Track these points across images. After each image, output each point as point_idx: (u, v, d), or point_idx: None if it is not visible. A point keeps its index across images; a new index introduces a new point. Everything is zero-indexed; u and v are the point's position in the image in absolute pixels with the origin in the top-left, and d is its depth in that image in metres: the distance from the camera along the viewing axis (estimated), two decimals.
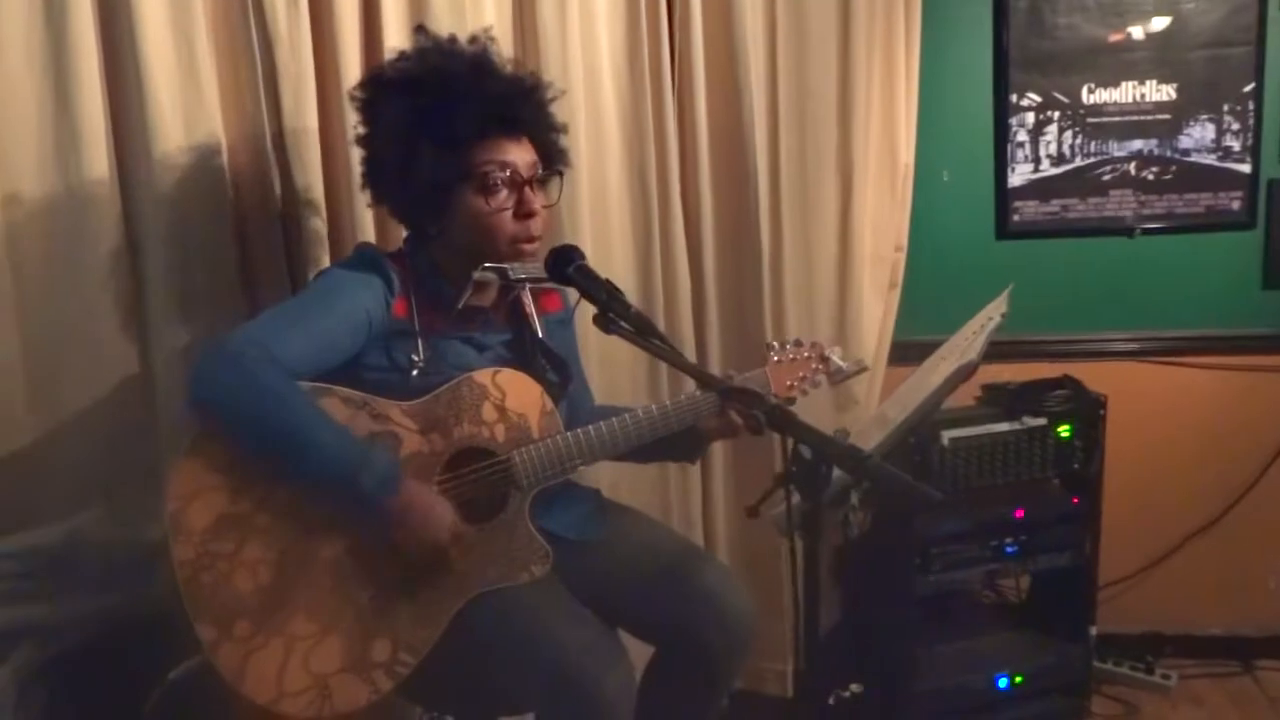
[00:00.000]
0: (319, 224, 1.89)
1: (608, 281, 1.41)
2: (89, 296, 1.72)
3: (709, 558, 1.77)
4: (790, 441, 1.18)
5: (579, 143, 2.20)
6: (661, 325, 2.37)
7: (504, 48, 2.10)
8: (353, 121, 1.66)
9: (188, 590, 1.40)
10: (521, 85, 1.61)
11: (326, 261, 1.90)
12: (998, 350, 2.76)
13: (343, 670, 1.46)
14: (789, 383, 1.74)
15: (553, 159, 1.67)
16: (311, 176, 1.87)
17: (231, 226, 1.83)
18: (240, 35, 1.80)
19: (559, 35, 2.16)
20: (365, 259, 1.59)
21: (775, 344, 1.77)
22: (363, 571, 1.48)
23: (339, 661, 1.46)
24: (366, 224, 1.93)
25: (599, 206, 2.28)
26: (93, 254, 1.71)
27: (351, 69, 1.89)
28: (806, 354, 1.76)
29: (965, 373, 1.80)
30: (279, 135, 1.85)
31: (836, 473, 1.20)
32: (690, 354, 2.41)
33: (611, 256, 2.32)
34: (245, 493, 1.43)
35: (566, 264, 1.44)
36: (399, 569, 1.49)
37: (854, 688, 2.28)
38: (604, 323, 1.38)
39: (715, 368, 2.38)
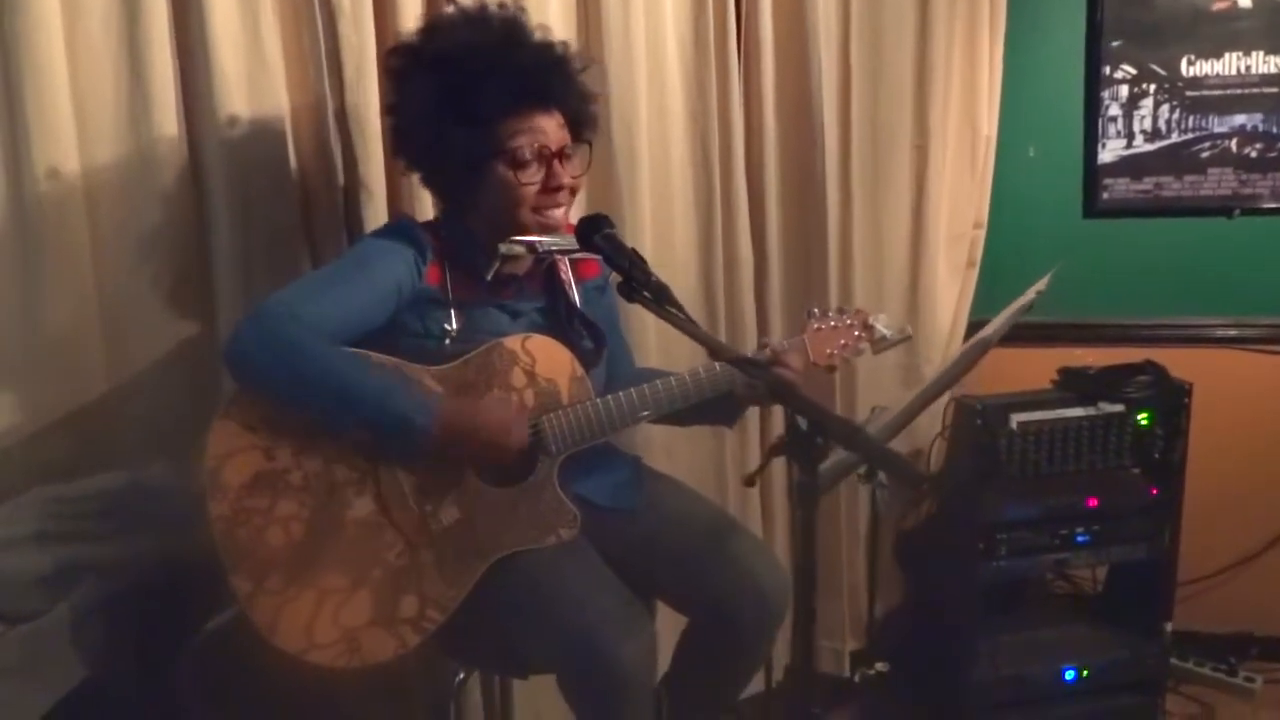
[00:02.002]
0: (378, 191, 1.93)
1: (633, 250, 1.42)
2: (158, 256, 1.80)
3: (743, 529, 1.76)
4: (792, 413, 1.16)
5: (640, 113, 2.20)
6: (721, 298, 2.36)
7: (566, 18, 2.13)
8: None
9: (223, 544, 1.47)
10: (551, 55, 1.62)
11: None
12: (1079, 333, 2.69)
13: (371, 624, 1.51)
14: (829, 350, 1.71)
15: (582, 129, 1.67)
16: (371, 147, 1.91)
17: (294, 192, 1.89)
18: (304, 6, 1.85)
19: (622, 11, 2.15)
20: (399, 228, 1.63)
21: (816, 311, 1.74)
22: (392, 530, 1.53)
23: (367, 615, 1.51)
24: (424, 194, 1.96)
25: (660, 178, 2.28)
26: (162, 215, 1.78)
27: None
28: (849, 321, 1.73)
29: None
30: (341, 104, 1.89)
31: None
32: (750, 328, 2.40)
33: (673, 228, 2.32)
34: (280, 451, 1.49)
35: (594, 231, 1.45)
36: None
37: (879, 666, 2.24)
38: (627, 290, 1.38)
39: (776, 338, 2.36)
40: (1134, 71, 2.64)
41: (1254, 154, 2.62)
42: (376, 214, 1.94)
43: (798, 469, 1.16)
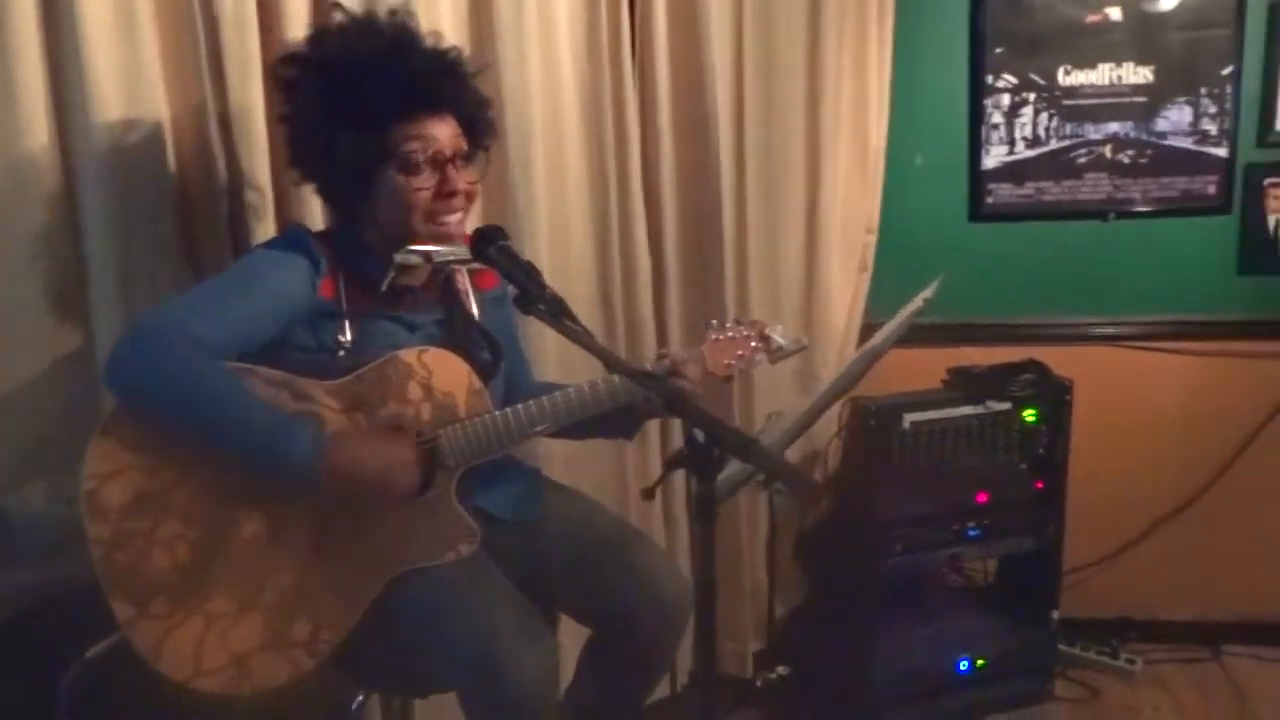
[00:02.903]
0: (264, 201, 1.88)
1: (528, 263, 1.41)
2: (29, 269, 1.72)
3: (643, 538, 1.76)
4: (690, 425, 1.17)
5: (535, 120, 2.19)
6: (619, 307, 2.37)
7: (458, 23, 2.10)
8: None
9: (103, 569, 1.41)
10: (443, 61, 1.59)
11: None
12: (966, 333, 2.77)
13: (261, 648, 1.46)
14: (726, 361, 1.73)
15: (479, 135, 1.65)
16: (257, 153, 1.86)
17: (174, 202, 1.82)
18: (183, 9, 1.79)
19: (515, 15, 2.13)
20: (291, 239, 1.58)
21: (714, 322, 1.76)
22: (282, 550, 1.48)
23: (258, 639, 1.46)
24: (313, 201, 1.91)
25: (556, 186, 2.27)
26: (34, 227, 1.70)
27: None
28: (746, 332, 1.75)
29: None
30: (224, 112, 1.83)
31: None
32: (649, 336, 2.41)
33: (569, 236, 2.31)
34: (163, 471, 1.43)
35: (489, 244, 1.43)
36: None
37: (780, 670, 2.28)
38: (523, 303, 1.37)
39: (675, 349, 2.37)
40: (1015, 80, 2.73)
41: (1126, 160, 2.74)
42: (263, 224, 1.89)
43: (696, 482, 1.16)
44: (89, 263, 1.76)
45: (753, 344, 1.76)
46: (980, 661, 2.56)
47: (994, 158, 2.77)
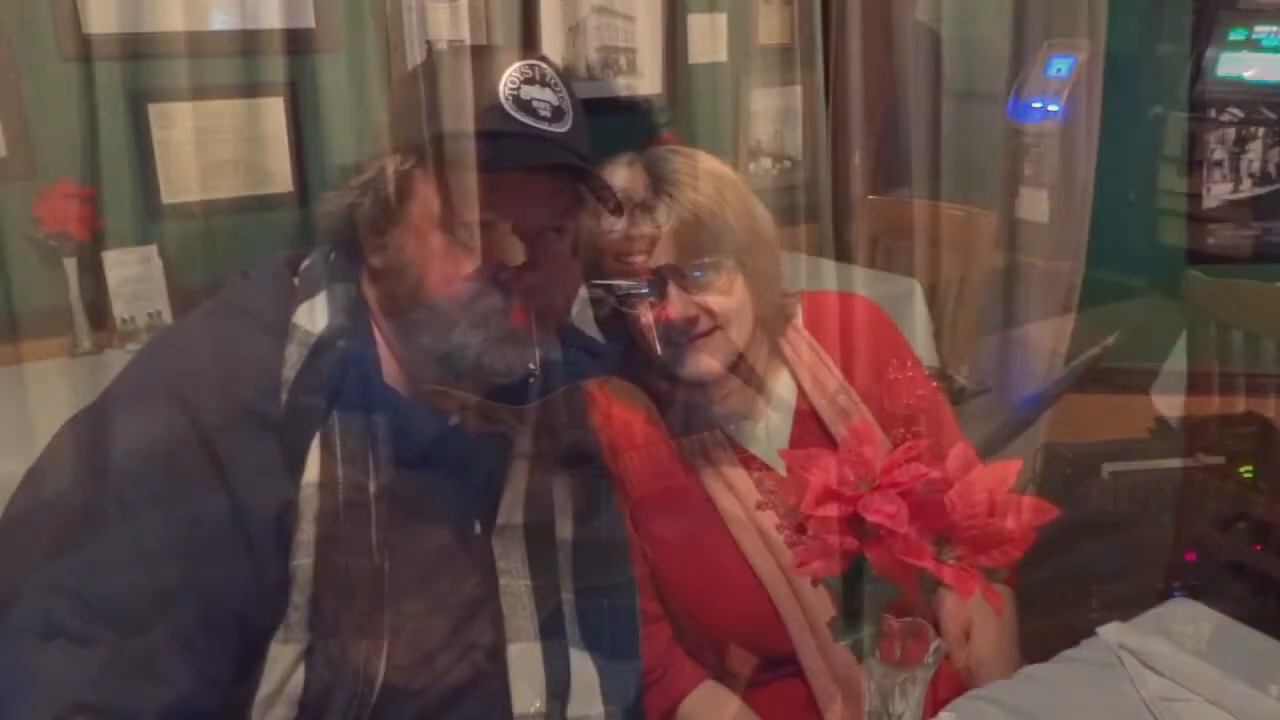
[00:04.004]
0: (471, 236, 2.03)
1: (703, 300, 1.47)
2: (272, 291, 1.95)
3: None
4: None
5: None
6: None
7: (653, 82, 2.22)
8: None
9: (311, 568, 1.55)
10: (635, 110, 1.69)
11: None
12: (1179, 381, 2.61)
13: (447, 649, 1.58)
14: (907, 400, 1.73)
15: (663, 181, 1.73)
16: (467, 194, 2.02)
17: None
18: (405, 69, 1.98)
19: (711, 77, 2.22)
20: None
21: (894, 361, 1.76)
22: (466, 562, 1.61)
23: (444, 641, 1.58)
24: None
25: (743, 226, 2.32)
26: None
27: None
28: (927, 371, 1.74)
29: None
30: (438, 155, 2.01)
31: None
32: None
33: None
34: (366, 483, 1.58)
35: (667, 280, 1.51)
36: None
37: (945, 715, 2.20)
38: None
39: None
40: (1241, 114, 2.57)
41: None
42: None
43: None
44: None
45: (934, 383, 1.75)
46: None
47: (1216, 196, 2.62)
